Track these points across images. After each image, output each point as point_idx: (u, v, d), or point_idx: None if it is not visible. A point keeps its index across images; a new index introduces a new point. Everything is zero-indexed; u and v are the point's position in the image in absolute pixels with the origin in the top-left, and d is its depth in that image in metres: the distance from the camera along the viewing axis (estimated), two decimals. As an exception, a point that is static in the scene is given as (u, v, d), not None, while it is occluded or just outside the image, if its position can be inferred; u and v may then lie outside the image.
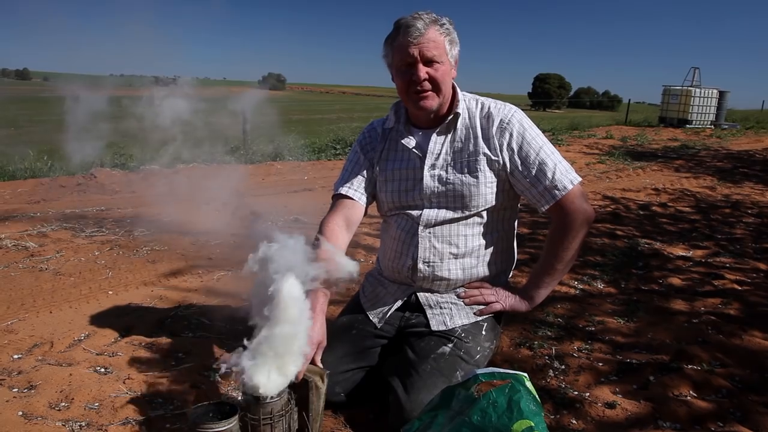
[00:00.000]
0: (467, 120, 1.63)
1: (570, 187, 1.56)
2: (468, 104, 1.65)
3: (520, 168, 1.58)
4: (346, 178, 1.74)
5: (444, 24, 1.54)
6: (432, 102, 1.57)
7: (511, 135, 1.58)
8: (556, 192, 1.55)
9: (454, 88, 1.63)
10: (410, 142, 1.66)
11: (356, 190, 1.71)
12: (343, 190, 1.71)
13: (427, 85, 1.53)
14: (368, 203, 1.75)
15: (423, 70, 1.51)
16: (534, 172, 1.57)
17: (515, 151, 1.58)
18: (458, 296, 1.67)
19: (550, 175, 1.56)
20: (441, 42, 1.52)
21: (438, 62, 1.52)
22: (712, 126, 17.10)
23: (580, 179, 1.59)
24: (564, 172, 1.57)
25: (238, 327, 2.22)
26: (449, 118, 1.62)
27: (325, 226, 1.65)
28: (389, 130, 1.72)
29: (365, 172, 1.72)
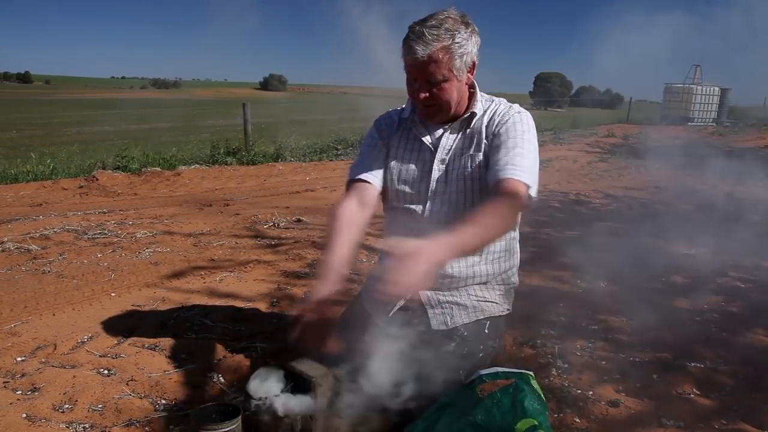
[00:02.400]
0: (482, 119, 1.63)
1: (521, 179, 1.46)
2: (484, 105, 1.65)
3: (492, 144, 1.56)
4: (363, 162, 1.72)
5: (455, 34, 1.46)
6: (435, 116, 1.58)
7: (502, 123, 1.58)
8: (505, 173, 1.47)
9: (473, 86, 1.62)
10: (424, 134, 1.66)
11: (373, 174, 1.69)
12: (361, 176, 1.68)
13: (429, 101, 1.52)
14: (382, 188, 1.72)
15: (424, 91, 1.50)
16: (501, 148, 1.52)
17: (500, 133, 1.56)
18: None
19: (512, 159, 1.49)
20: (445, 62, 1.47)
21: (442, 81, 1.49)
22: (714, 123, 17.07)
23: (534, 187, 1.49)
24: (523, 169, 1.48)
25: (240, 328, 2.22)
26: (465, 116, 1.61)
27: (341, 207, 1.62)
28: (404, 120, 1.72)
29: (381, 156, 1.71)
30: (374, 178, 1.69)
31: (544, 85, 58.07)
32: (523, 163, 1.50)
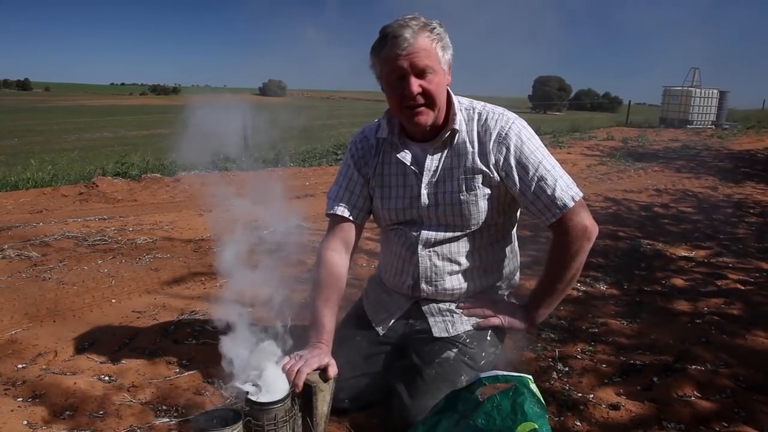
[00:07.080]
0: (464, 133, 1.55)
1: (571, 204, 1.48)
2: (464, 115, 1.56)
3: (518, 184, 1.51)
4: (340, 195, 1.66)
5: (434, 28, 1.44)
6: (426, 117, 1.49)
7: (508, 149, 1.51)
8: (556, 210, 1.48)
9: (449, 96, 1.55)
10: (406, 156, 1.58)
11: (352, 208, 1.64)
12: (339, 210, 1.64)
13: (421, 99, 1.45)
14: (365, 219, 1.69)
15: (416, 83, 1.43)
16: (533, 188, 1.49)
17: (513, 166, 1.51)
18: (458, 307, 1.65)
19: (549, 191, 1.48)
20: (432, 50, 1.43)
21: (431, 72, 1.43)
22: (713, 126, 17.08)
23: (581, 195, 1.51)
24: (565, 188, 1.49)
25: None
26: (446, 134, 1.54)
27: (325, 254, 1.63)
28: (382, 140, 1.64)
29: (359, 188, 1.65)
30: (354, 211, 1.65)
31: (543, 88, 58.14)
32: (557, 183, 1.49)
